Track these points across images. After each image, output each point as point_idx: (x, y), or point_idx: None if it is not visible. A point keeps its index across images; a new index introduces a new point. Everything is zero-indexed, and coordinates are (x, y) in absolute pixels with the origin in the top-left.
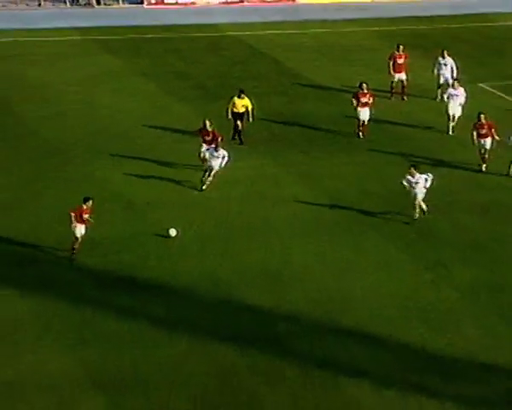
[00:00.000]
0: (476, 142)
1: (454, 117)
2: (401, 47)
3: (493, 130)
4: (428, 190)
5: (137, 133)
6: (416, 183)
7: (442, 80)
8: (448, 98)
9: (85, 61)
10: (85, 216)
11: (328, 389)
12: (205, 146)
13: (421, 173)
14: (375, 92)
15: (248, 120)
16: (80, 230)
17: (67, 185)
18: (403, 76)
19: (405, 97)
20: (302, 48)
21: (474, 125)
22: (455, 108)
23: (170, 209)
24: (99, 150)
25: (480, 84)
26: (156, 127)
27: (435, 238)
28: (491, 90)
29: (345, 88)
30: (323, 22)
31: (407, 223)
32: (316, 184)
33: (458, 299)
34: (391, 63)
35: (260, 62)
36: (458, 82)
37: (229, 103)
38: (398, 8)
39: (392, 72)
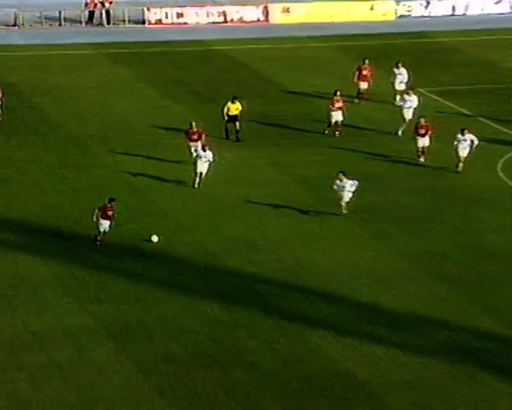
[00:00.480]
0: (416, 139)
1: (405, 119)
2: (366, 61)
3: (430, 131)
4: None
5: (142, 129)
6: (343, 187)
7: (397, 88)
8: (402, 103)
9: (98, 71)
10: (109, 213)
11: (297, 338)
12: (193, 144)
13: (348, 179)
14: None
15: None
16: (104, 225)
17: (84, 171)
18: (365, 85)
19: (362, 102)
20: (275, 59)
21: (416, 125)
22: (408, 112)
23: (167, 192)
24: (111, 143)
25: (419, 89)
26: (157, 124)
27: (383, 215)
28: (428, 94)
29: (311, 92)
30: (292, 38)
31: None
32: (287, 170)
33: (402, 264)
34: (357, 73)
35: (241, 71)
36: (412, 90)
37: (223, 107)
38: (352, 27)
39: (357, 80)
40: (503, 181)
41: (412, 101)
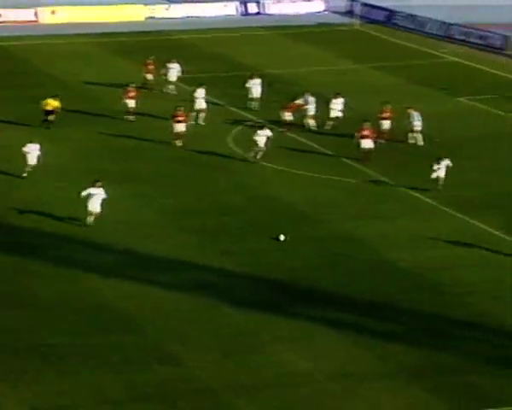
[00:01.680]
0: (173, 125)
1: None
2: (152, 57)
3: (185, 117)
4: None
5: None
6: (94, 194)
7: (170, 79)
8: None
9: None
10: None
11: (74, 280)
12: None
13: (99, 187)
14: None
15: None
16: None
17: None
18: (151, 76)
19: (153, 91)
20: (45, 53)
21: (173, 113)
22: (201, 103)
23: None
24: None
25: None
26: None
27: (142, 179)
28: (178, 84)
29: (79, 79)
30: (59, 36)
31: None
32: (65, 145)
33: (157, 217)
34: (144, 67)
35: (17, 63)
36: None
37: (43, 101)
38: (109, 27)
39: (144, 73)
40: (233, 150)
41: (200, 93)
